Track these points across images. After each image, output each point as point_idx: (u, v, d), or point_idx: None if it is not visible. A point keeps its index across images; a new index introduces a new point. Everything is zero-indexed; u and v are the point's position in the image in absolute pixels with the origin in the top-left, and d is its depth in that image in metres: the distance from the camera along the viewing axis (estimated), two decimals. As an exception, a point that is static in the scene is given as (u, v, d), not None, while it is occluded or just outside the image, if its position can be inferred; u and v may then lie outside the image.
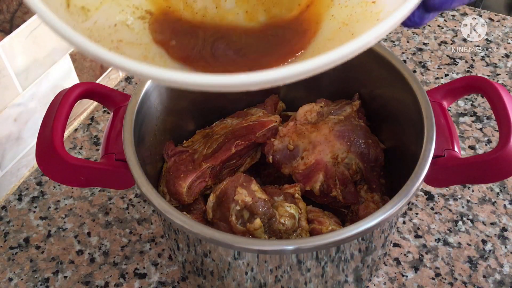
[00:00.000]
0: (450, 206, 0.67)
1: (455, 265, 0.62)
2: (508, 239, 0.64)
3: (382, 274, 0.61)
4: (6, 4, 0.61)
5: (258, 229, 0.47)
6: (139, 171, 0.46)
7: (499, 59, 0.87)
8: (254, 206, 0.48)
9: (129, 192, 0.70)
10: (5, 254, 0.64)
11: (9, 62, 0.65)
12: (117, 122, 0.52)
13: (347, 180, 0.55)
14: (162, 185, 0.56)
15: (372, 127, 0.59)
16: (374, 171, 0.56)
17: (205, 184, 0.55)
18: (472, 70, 0.86)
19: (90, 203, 0.69)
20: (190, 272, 0.55)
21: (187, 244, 0.49)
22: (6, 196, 0.70)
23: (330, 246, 0.44)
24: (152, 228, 0.66)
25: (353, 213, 0.56)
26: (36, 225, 0.67)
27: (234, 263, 0.47)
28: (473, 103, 0.80)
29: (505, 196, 0.68)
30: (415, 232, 0.65)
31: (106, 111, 0.80)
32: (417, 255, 0.63)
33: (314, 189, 0.54)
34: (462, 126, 0.77)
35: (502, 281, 0.60)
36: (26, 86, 0.69)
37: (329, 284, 0.50)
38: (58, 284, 0.61)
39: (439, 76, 0.84)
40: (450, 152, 0.49)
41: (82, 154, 0.75)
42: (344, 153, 0.55)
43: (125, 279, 0.61)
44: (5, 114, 0.67)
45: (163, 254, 0.63)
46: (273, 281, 0.48)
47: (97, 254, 0.64)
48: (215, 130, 0.60)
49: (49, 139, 0.47)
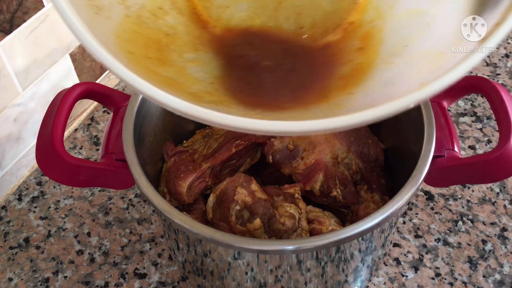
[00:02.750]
0: (450, 206, 0.67)
1: (455, 265, 0.62)
2: (508, 239, 0.64)
3: (382, 274, 0.61)
4: (6, 4, 0.61)
5: (258, 229, 0.47)
6: (139, 171, 0.46)
7: (499, 59, 0.87)
8: (254, 206, 0.48)
9: (129, 192, 0.70)
10: (5, 254, 0.64)
11: (9, 62, 0.64)
12: (117, 122, 0.52)
13: (347, 180, 0.55)
14: (162, 185, 0.56)
15: (372, 127, 0.59)
16: (374, 171, 0.56)
17: (205, 184, 0.55)
18: (472, 70, 0.86)
19: (90, 203, 0.69)
20: (190, 272, 0.55)
21: (187, 244, 0.49)
22: (6, 196, 0.70)
23: (330, 246, 0.44)
24: (152, 228, 0.66)
25: (353, 213, 0.56)
26: (36, 225, 0.67)
27: (234, 263, 0.47)
28: (473, 103, 0.80)
29: (505, 196, 0.68)
30: (415, 232, 0.65)
31: (106, 111, 0.80)
32: (417, 255, 0.63)
33: (314, 189, 0.54)
34: (462, 126, 0.77)
35: (502, 281, 0.60)
36: (26, 86, 0.69)
37: (329, 284, 0.50)
38: (58, 284, 0.61)
39: (439, 76, 0.84)
40: (450, 152, 0.49)
41: (82, 154, 0.75)
42: (344, 153, 0.55)
43: (125, 279, 0.61)
44: (5, 114, 0.67)
45: (163, 254, 0.63)
46: (273, 281, 0.48)
47: (97, 254, 0.64)
48: (215, 130, 0.60)
49: (49, 139, 0.47)
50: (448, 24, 0.38)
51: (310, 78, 0.41)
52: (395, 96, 0.31)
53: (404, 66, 0.38)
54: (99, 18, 0.37)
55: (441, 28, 0.38)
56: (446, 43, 0.36)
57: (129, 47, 0.38)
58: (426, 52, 0.38)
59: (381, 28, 0.42)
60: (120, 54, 0.36)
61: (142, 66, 0.38)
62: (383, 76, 0.39)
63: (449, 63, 0.33)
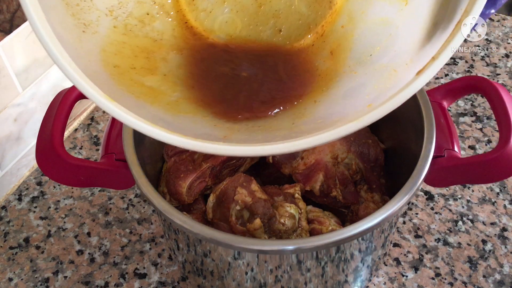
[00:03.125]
0: (450, 206, 0.67)
1: (455, 265, 0.62)
2: (508, 239, 0.64)
3: (382, 274, 0.61)
4: (6, 4, 0.61)
5: (258, 229, 0.47)
6: (139, 171, 0.46)
7: (499, 59, 0.87)
8: (254, 206, 0.48)
9: (129, 192, 0.70)
10: (5, 254, 0.64)
11: (9, 62, 0.64)
12: (117, 122, 0.52)
13: (347, 180, 0.55)
14: (162, 185, 0.56)
15: (372, 127, 0.59)
16: (374, 171, 0.56)
17: (205, 184, 0.55)
18: (472, 70, 0.86)
19: (90, 203, 0.69)
20: (190, 272, 0.55)
21: (187, 244, 0.49)
22: (6, 196, 0.70)
23: (330, 246, 0.44)
24: (152, 228, 0.66)
25: (353, 213, 0.56)
26: (36, 225, 0.67)
27: (234, 263, 0.47)
28: (473, 103, 0.80)
29: (505, 196, 0.68)
30: (415, 232, 0.65)
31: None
32: (417, 255, 0.63)
33: (314, 189, 0.54)
34: (462, 126, 0.77)
35: (502, 281, 0.60)
36: (26, 86, 0.69)
37: (329, 284, 0.50)
38: (58, 284, 0.61)
39: (439, 76, 0.84)
40: (450, 152, 0.49)
41: (82, 154, 0.75)
42: (344, 153, 0.55)
43: (125, 279, 0.61)
44: (5, 114, 0.67)
45: (163, 254, 0.63)
46: (273, 281, 0.48)
47: (97, 254, 0.64)
48: (215, 130, 0.60)
49: (49, 139, 0.47)
50: (406, 40, 0.40)
51: (282, 87, 0.44)
52: (348, 114, 0.36)
53: (365, 77, 0.41)
54: (86, 36, 0.39)
55: (400, 43, 0.41)
56: (400, 61, 0.39)
57: (114, 61, 0.40)
58: (385, 67, 0.40)
59: (352, 34, 0.44)
60: (103, 70, 0.39)
61: (126, 78, 0.40)
62: (346, 85, 0.42)
63: (398, 84, 0.36)
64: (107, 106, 0.34)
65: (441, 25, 0.37)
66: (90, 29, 0.39)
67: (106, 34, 0.41)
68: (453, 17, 0.36)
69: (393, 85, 0.38)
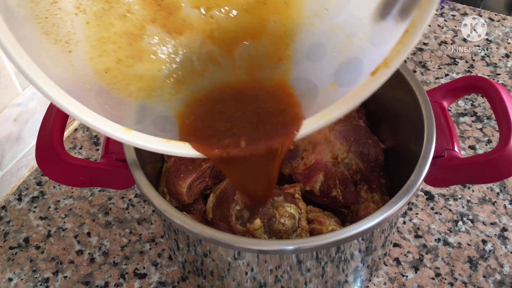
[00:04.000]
0: (450, 206, 0.67)
1: (455, 265, 0.62)
2: (508, 239, 0.64)
3: (382, 274, 0.61)
4: (6, 4, 0.61)
5: (258, 229, 0.47)
6: (139, 171, 0.46)
7: (499, 59, 0.87)
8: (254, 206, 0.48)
9: (129, 192, 0.70)
10: (5, 254, 0.64)
11: (9, 62, 0.64)
12: (117, 122, 0.52)
13: (347, 180, 0.55)
14: (162, 185, 0.56)
15: (372, 127, 0.59)
16: (374, 171, 0.56)
17: (205, 184, 0.55)
18: (472, 70, 0.86)
19: (90, 203, 0.69)
20: (190, 272, 0.55)
21: (187, 244, 0.49)
22: (6, 196, 0.70)
23: (330, 246, 0.44)
24: (152, 228, 0.66)
25: (353, 213, 0.56)
26: (36, 225, 0.67)
27: (234, 263, 0.46)
28: (473, 103, 0.80)
29: (505, 196, 0.68)
30: (415, 232, 0.65)
31: (106, 111, 0.80)
32: (417, 255, 0.63)
33: (314, 189, 0.54)
34: (462, 126, 0.77)
35: (502, 281, 0.60)
36: (26, 86, 0.69)
37: (329, 284, 0.50)
38: (58, 284, 0.61)
39: (439, 76, 0.84)
40: (450, 152, 0.48)
41: (82, 154, 0.75)
42: (344, 153, 0.55)
43: (125, 279, 0.61)
44: (5, 114, 0.67)
45: (163, 254, 0.63)
46: (273, 281, 0.48)
47: (97, 254, 0.64)
48: (215, 130, 0.60)
49: (49, 139, 0.47)
50: (360, 3, 0.41)
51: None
52: (317, 87, 0.40)
53: (324, 36, 0.42)
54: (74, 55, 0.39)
55: (353, 4, 0.41)
56: (354, 30, 0.40)
57: (104, 64, 0.40)
58: (341, 29, 0.41)
59: None
60: (101, 83, 0.40)
61: (120, 78, 0.40)
62: (308, 40, 0.43)
63: (353, 59, 0.38)
64: (125, 140, 0.38)
65: (395, 7, 0.37)
66: (73, 43, 0.39)
67: (84, 37, 0.40)
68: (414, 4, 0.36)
69: (349, 58, 0.39)
